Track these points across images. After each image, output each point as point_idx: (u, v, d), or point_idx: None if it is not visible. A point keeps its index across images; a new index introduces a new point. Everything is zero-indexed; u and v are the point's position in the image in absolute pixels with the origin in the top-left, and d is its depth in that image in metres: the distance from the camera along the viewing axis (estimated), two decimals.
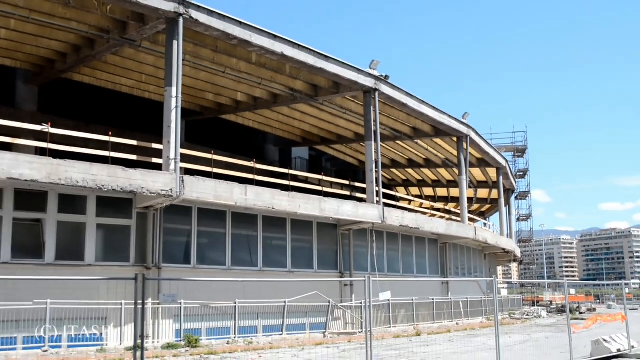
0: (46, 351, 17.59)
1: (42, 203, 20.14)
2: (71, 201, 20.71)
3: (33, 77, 28.51)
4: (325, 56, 26.31)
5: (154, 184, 19.84)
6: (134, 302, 9.18)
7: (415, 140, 37.59)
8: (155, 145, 22.03)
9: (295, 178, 29.85)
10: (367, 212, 27.57)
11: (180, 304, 21.14)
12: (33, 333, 18.19)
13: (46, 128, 20.52)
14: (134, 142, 23.15)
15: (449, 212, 44.93)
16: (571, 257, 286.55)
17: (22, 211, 19.83)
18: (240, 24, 22.87)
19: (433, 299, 32.48)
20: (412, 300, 30.62)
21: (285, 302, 23.71)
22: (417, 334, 26.27)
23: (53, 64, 26.67)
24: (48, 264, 19.87)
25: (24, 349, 17.94)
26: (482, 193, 52.74)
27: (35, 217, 20.16)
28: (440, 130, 35.64)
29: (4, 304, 17.43)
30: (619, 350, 17.62)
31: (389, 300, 28.37)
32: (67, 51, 25.42)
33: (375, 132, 28.84)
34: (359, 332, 25.16)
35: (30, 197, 19.96)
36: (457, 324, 32.18)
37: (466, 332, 28.76)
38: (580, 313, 46.27)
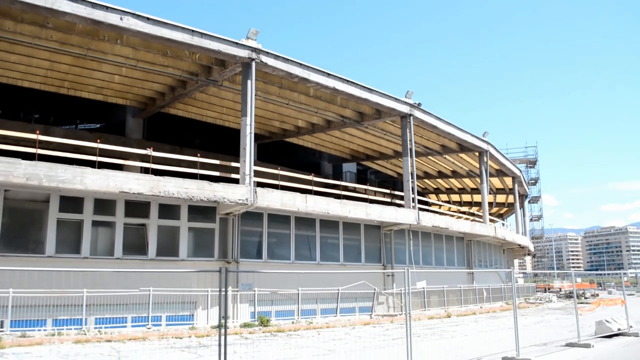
0: (149, 328, 17.87)
1: (146, 211, 20.57)
2: (168, 209, 21.06)
3: (139, 112, 29.21)
4: (369, 89, 26.23)
5: (233, 194, 20.06)
6: (218, 289, 9.29)
7: (444, 156, 37.06)
8: (233, 164, 22.25)
9: (345, 188, 29.76)
10: (404, 215, 27.29)
11: (255, 291, 21.28)
12: (139, 314, 18.57)
13: (149, 152, 20.98)
14: (217, 162, 23.45)
15: (472, 214, 44.10)
16: (576, 251, 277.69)
17: (130, 217, 20.27)
18: (300, 65, 23.01)
19: (460, 287, 31.85)
20: (443, 287, 30.09)
21: (338, 289, 23.62)
22: (448, 316, 25.80)
23: (154, 101, 27.27)
24: (150, 259, 20.25)
25: (133, 326, 18.23)
26: (500, 198, 51.66)
27: (140, 222, 20.57)
28: (464, 147, 35.07)
29: (117, 290, 17.82)
30: (619, 329, 17.11)
31: (424, 287, 28.04)
32: (165, 91, 25.97)
33: (411, 149, 28.57)
34: (399, 314, 24.88)
35: (136, 207, 20.39)
36: (481, 307, 31.47)
37: (489, 314, 28.10)
38: (585, 298, 44.90)
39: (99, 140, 20.52)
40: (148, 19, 18.75)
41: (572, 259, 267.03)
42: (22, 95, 28.54)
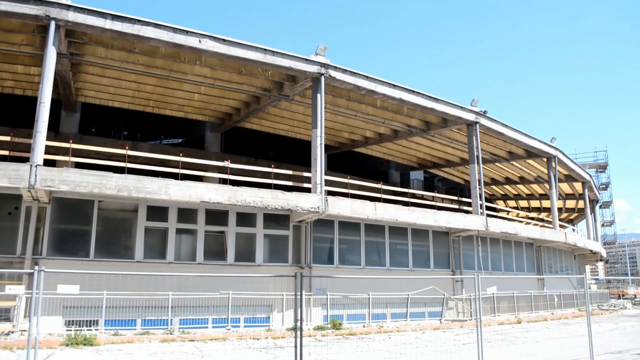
0: (229, 329, 18.25)
1: (224, 219, 21.09)
2: (245, 217, 21.50)
3: (217, 127, 30.04)
4: (435, 98, 25.85)
5: (305, 203, 20.25)
6: (293, 293, 9.41)
7: (511, 162, 35.93)
8: (305, 174, 22.44)
9: (413, 196, 29.38)
10: (472, 222, 26.62)
11: (327, 295, 21.36)
12: (219, 315, 19.01)
13: (226, 164, 21.52)
14: (289, 172, 23.73)
15: (542, 220, 42.43)
16: None
17: (210, 225, 20.84)
18: (367, 78, 23.00)
19: (531, 293, 30.68)
20: (513, 293, 29.06)
21: (408, 294, 23.29)
22: (518, 322, 24.90)
23: (231, 116, 27.97)
24: (229, 264, 20.73)
25: (213, 327, 18.66)
26: (570, 204, 49.49)
27: (219, 229, 21.10)
28: (532, 153, 33.88)
29: (199, 293, 18.38)
30: None
31: (494, 293, 27.19)
32: (240, 106, 26.59)
33: (477, 156, 27.90)
34: (469, 320, 24.24)
35: (216, 215, 20.94)
36: (552, 313, 30.19)
37: (560, 321, 26.91)
38: None
39: (181, 154, 21.29)
40: (224, 40, 19.33)
41: None
42: (113, 115, 30.06)
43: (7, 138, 18.48)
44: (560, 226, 38.08)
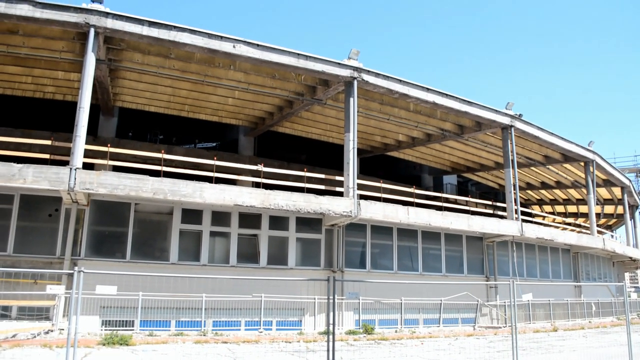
0: (261, 332, 18.30)
1: (257, 222, 21.24)
2: (278, 221, 21.61)
3: (250, 131, 30.29)
4: (468, 101, 25.53)
5: (337, 207, 20.23)
6: (325, 297, 9.40)
7: (547, 166, 35.22)
8: (337, 178, 22.41)
9: (446, 200, 29.12)
10: (507, 227, 26.17)
11: (359, 299, 21.28)
12: (252, 318, 19.10)
13: (259, 168, 21.69)
14: (322, 176, 23.76)
15: (579, 225, 41.49)
16: None
17: (243, 228, 21.00)
18: (400, 81, 22.87)
19: (567, 300, 29.96)
20: (549, 300, 28.42)
21: (441, 300, 23.02)
22: (554, 330, 24.32)
23: (264, 120, 28.17)
24: (262, 267, 20.86)
25: (246, 329, 18.77)
26: (609, 209, 48.20)
27: (252, 232, 21.24)
28: (568, 157, 33.14)
29: (232, 296, 18.50)
30: None
31: (529, 300, 26.66)
32: (273, 110, 26.75)
33: (512, 160, 27.44)
34: (503, 327, 23.81)
35: (249, 218, 21.09)
36: (589, 322, 29.41)
37: (598, 329, 26.17)
38: None
39: (215, 158, 21.53)
40: (258, 45, 19.49)
41: None
42: (149, 119, 30.62)
43: (48, 142, 19.04)
44: (598, 232, 37.13)
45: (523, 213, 29.22)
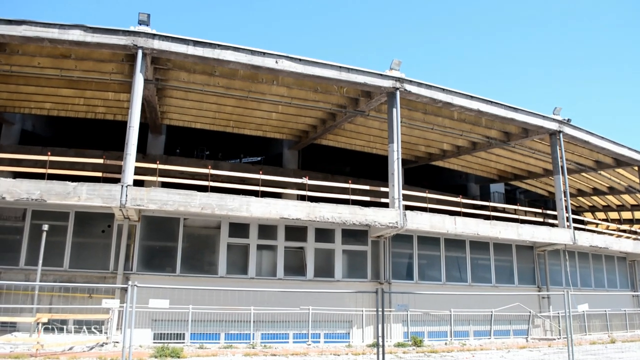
0: (309, 345, 18.29)
1: (303, 235, 21.33)
2: (323, 233, 21.64)
3: (294, 144, 30.52)
4: (514, 108, 25.03)
5: (383, 218, 20.12)
6: (373, 309, 9.36)
7: (599, 172, 34.10)
8: (382, 189, 22.29)
9: (494, 209, 28.54)
10: (559, 235, 25.41)
11: (407, 311, 21.01)
12: (300, 330, 19.13)
13: (304, 180, 21.80)
14: (366, 187, 23.67)
15: (635, 232, 39.89)
16: None
17: (290, 241, 21.14)
18: (443, 90, 22.66)
19: (625, 310, 28.78)
20: (605, 311, 27.37)
21: (492, 311, 22.50)
22: (612, 341, 23.37)
23: (307, 133, 28.34)
24: (309, 280, 20.89)
25: (294, 342, 18.80)
26: None
27: (299, 245, 21.34)
28: (621, 161, 31.99)
29: (280, 308, 18.61)
30: None
31: (584, 311, 25.78)
32: (316, 124, 26.90)
33: (562, 167, 26.69)
34: (558, 339, 23.08)
35: (295, 231, 21.21)
36: None
37: None
38: None
39: (261, 172, 21.82)
40: (300, 59, 19.71)
41: None
42: (195, 136, 31.32)
43: (100, 160, 19.69)
44: None
45: (575, 221, 28.33)
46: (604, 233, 33.64)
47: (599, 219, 47.16)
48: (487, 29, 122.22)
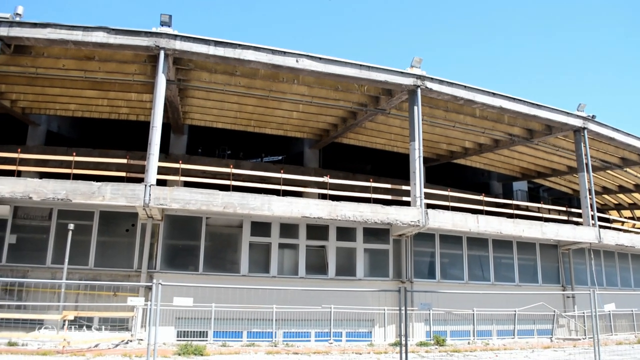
0: (331, 343, 18.31)
1: (325, 234, 21.35)
2: (345, 232, 21.63)
3: (315, 143, 30.55)
4: (537, 105, 24.71)
5: (405, 217, 20.05)
6: (397, 308, 9.33)
7: (624, 169, 33.50)
8: (404, 187, 22.19)
9: (517, 207, 28.21)
10: (584, 234, 25.03)
11: (430, 310, 20.90)
12: (321, 329, 19.17)
13: (325, 179, 21.81)
14: (388, 186, 23.60)
15: None
16: None
17: (311, 240, 21.17)
18: (464, 87, 22.47)
19: None
20: (632, 311, 26.87)
21: (515, 310, 22.25)
22: (639, 342, 22.99)
23: (328, 132, 28.33)
24: (330, 279, 20.90)
25: (316, 341, 18.85)
26: None
27: (320, 244, 21.36)
28: None
29: (302, 307, 18.67)
30: None
31: (610, 311, 25.36)
32: (337, 122, 26.87)
33: (587, 164, 26.28)
34: (583, 339, 22.75)
35: (316, 230, 21.24)
36: None
37: None
38: None
39: (282, 171, 21.89)
40: (320, 58, 19.72)
41: None
42: (217, 135, 31.54)
43: (124, 160, 19.96)
44: None
45: (600, 219, 27.87)
46: (630, 231, 33.03)
47: (625, 217, 46.34)
48: (508, 27, 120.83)
